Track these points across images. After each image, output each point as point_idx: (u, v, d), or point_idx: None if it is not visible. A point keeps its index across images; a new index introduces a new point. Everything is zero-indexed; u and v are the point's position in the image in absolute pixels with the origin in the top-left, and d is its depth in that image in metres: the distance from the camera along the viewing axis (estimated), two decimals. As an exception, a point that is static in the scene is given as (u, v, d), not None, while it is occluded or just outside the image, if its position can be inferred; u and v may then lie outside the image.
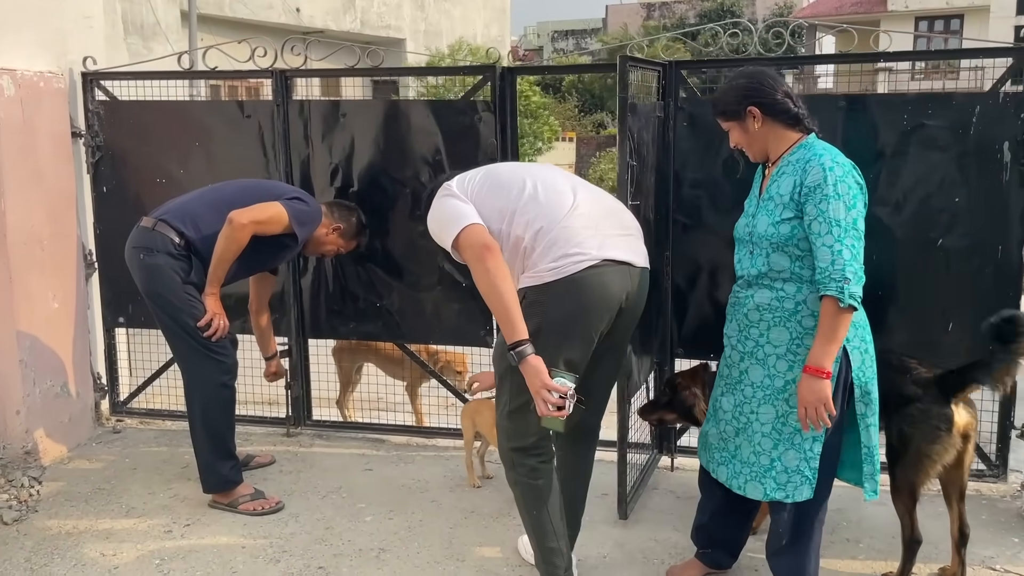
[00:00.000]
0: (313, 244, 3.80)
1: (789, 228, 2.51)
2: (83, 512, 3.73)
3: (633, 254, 2.71)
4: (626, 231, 2.75)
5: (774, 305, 2.56)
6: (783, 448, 2.58)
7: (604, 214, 2.72)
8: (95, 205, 4.62)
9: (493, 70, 4.06)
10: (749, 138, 2.65)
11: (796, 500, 2.59)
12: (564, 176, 2.82)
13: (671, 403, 3.60)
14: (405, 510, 3.71)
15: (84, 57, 4.49)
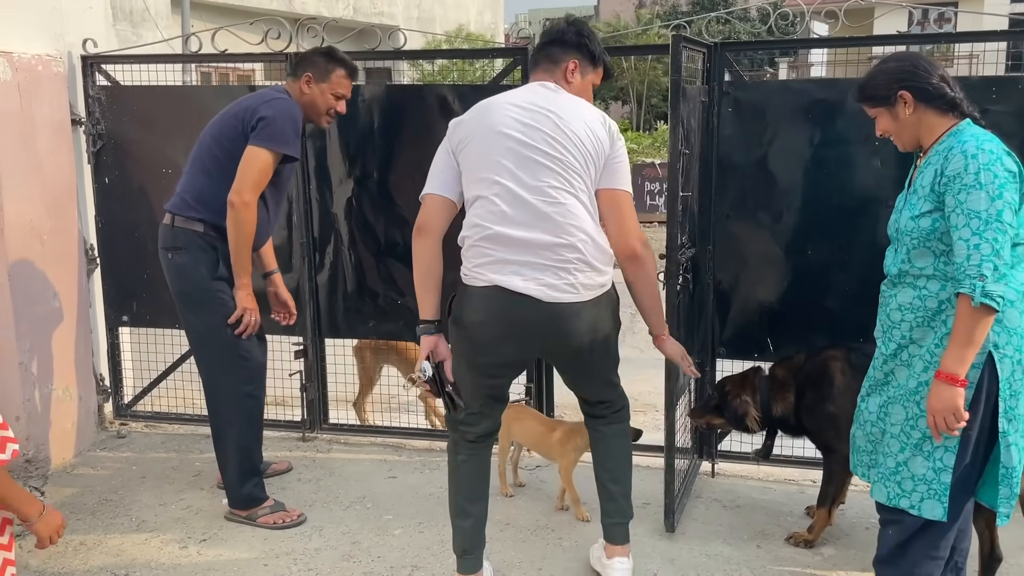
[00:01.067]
0: (310, 116, 3.41)
1: (930, 222, 2.29)
2: (90, 526, 3.49)
3: (541, 287, 2.51)
4: (543, 258, 2.51)
5: (916, 304, 2.35)
6: (909, 453, 2.35)
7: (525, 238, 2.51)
8: (96, 197, 4.36)
9: (524, 52, 3.82)
10: (899, 126, 2.42)
11: (923, 515, 2.33)
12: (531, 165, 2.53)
13: (718, 408, 3.42)
14: (435, 522, 3.48)
15: (84, 39, 4.22)
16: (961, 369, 2.18)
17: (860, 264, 3.57)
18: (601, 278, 2.58)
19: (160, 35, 12.75)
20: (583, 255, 2.53)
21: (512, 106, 2.58)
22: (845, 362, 3.20)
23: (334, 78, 3.37)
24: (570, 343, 2.61)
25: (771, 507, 3.60)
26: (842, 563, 3.14)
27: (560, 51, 2.71)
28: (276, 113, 3.19)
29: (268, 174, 3.21)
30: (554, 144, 2.52)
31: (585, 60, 2.72)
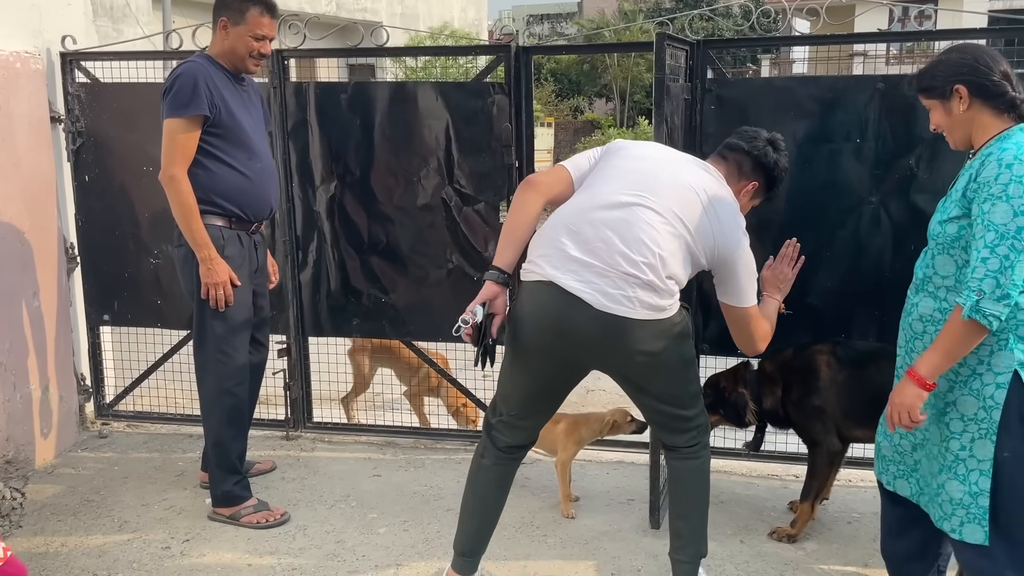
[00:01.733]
0: (235, 64, 3.25)
1: (956, 228, 2.19)
2: (72, 527, 3.46)
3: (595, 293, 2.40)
4: (616, 275, 2.41)
5: (936, 317, 2.26)
6: (945, 476, 2.26)
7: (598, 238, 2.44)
8: (76, 195, 4.32)
9: (508, 50, 3.81)
10: (951, 121, 2.27)
11: (964, 539, 2.23)
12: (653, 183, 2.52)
13: (713, 405, 3.43)
14: (420, 520, 3.48)
15: (63, 36, 4.18)
16: (930, 374, 2.15)
17: (843, 261, 3.60)
18: (662, 300, 2.44)
19: (141, 31, 12.62)
20: (647, 275, 2.41)
21: (670, 154, 2.65)
22: (831, 356, 3.23)
23: (249, 18, 3.21)
24: (615, 359, 2.52)
25: (754, 502, 3.62)
26: (824, 557, 3.16)
27: (751, 168, 2.71)
28: (173, 81, 3.13)
29: (187, 143, 3.12)
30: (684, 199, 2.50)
31: (764, 187, 2.75)
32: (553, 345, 2.50)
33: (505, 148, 3.86)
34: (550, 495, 3.68)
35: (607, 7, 38.14)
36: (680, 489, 2.75)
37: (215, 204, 3.22)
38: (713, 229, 2.51)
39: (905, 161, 3.48)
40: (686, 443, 2.69)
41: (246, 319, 3.37)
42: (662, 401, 2.63)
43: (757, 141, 2.71)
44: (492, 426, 2.72)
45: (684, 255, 2.49)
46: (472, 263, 4.01)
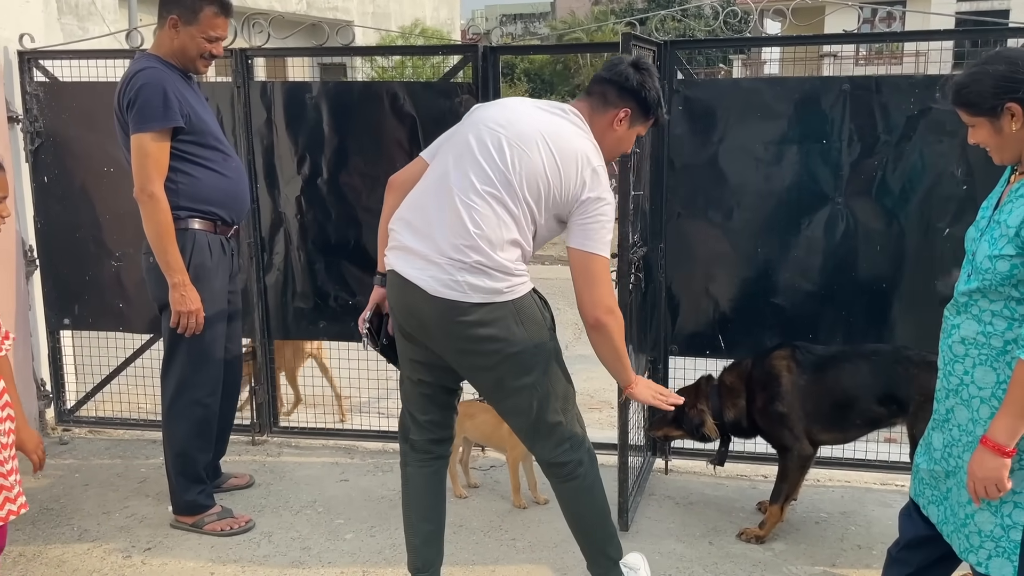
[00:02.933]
0: (183, 64, 3.14)
1: (1008, 267, 2.02)
2: (30, 536, 3.38)
3: (428, 279, 2.37)
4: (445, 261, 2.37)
5: (980, 341, 2.09)
6: (975, 506, 2.12)
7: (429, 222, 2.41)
8: (36, 196, 4.23)
9: (475, 49, 3.78)
10: (1001, 140, 2.07)
11: (991, 573, 2.12)
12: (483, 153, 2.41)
13: (676, 419, 3.43)
14: (387, 526, 3.44)
15: (20, 34, 4.08)
16: (1011, 441, 1.98)
17: (809, 260, 3.61)
18: (495, 283, 2.36)
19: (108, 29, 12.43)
20: (474, 260, 2.34)
21: (511, 110, 2.49)
22: (791, 360, 3.24)
23: (203, 18, 3.06)
24: (459, 347, 2.43)
25: (723, 503, 3.62)
26: (792, 558, 3.16)
27: (617, 95, 2.52)
28: (138, 92, 2.99)
29: (161, 157, 3.01)
30: (510, 158, 2.37)
31: (639, 110, 2.55)
32: (412, 330, 2.50)
33: (473, 149, 3.82)
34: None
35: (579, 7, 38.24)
36: (568, 512, 2.67)
37: (201, 211, 3.14)
38: (556, 177, 2.38)
39: (871, 162, 3.50)
40: (556, 457, 2.54)
41: (222, 331, 3.30)
42: (519, 399, 2.47)
43: (619, 67, 2.54)
44: (407, 428, 2.69)
45: (519, 223, 2.38)
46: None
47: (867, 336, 3.57)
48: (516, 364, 2.43)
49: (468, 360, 2.48)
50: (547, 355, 2.47)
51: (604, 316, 2.42)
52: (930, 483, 2.30)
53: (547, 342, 2.48)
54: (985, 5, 23.43)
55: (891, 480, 3.77)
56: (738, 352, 3.61)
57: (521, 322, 2.40)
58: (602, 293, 2.41)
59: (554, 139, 2.40)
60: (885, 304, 3.57)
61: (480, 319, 2.37)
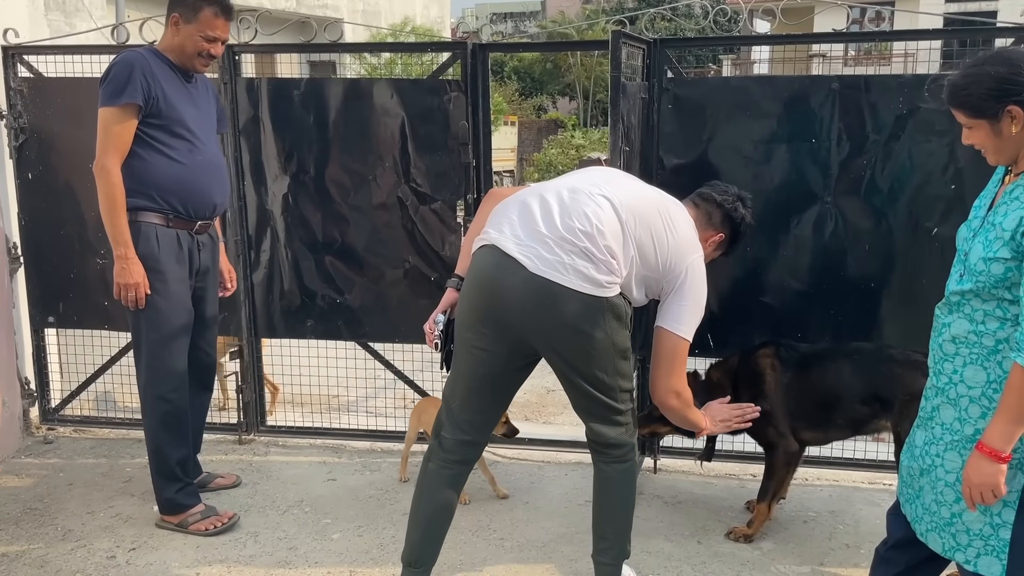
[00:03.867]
0: (182, 62, 3.15)
1: (1002, 270, 2.00)
2: (14, 536, 3.35)
3: (531, 257, 2.40)
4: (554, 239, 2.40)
5: (971, 339, 2.08)
6: (964, 505, 2.10)
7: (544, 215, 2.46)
8: (19, 193, 4.18)
9: (464, 47, 3.76)
10: (999, 142, 2.04)
11: (979, 571, 2.11)
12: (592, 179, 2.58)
13: (662, 416, 3.42)
14: (375, 525, 3.42)
15: (4, 29, 4.04)
16: (1007, 446, 1.96)
17: (798, 259, 3.61)
18: (599, 274, 2.39)
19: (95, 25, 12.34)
20: (584, 246, 2.39)
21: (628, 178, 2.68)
22: (775, 358, 3.25)
23: (203, 18, 3.09)
24: (546, 328, 2.42)
25: (712, 502, 3.61)
26: (780, 557, 3.15)
27: (721, 220, 2.80)
28: (109, 69, 3.05)
29: (120, 133, 3.01)
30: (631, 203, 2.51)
31: (728, 239, 2.84)
32: (490, 311, 2.46)
33: (462, 146, 3.81)
34: (509, 499, 3.64)
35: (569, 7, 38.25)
36: (608, 493, 2.70)
37: (150, 197, 3.11)
38: (669, 239, 2.51)
39: (860, 161, 3.50)
40: (614, 440, 2.62)
41: (183, 324, 3.25)
42: (591, 385, 2.52)
43: (728, 195, 2.82)
44: (440, 424, 2.67)
45: (626, 242, 2.45)
46: (429, 263, 3.96)
47: (855, 335, 3.57)
48: (597, 358, 2.47)
49: (551, 342, 2.47)
50: (624, 353, 2.53)
51: (674, 401, 2.66)
52: (907, 481, 2.30)
53: (627, 343, 2.52)
54: (973, 6, 23.55)
55: (879, 479, 3.77)
56: (727, 351, 3.60)
57: (612, 319, 2.43)
58: (678, 379, 2.64)
59: (670, 217, 2.55)
60: (873, 303, 3.57)
61: (576, 311, 2.38)
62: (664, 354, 2.60)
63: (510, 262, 2.40)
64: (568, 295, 2.37)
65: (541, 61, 31.46)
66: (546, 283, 2.37)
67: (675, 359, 2.61)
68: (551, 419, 5.02)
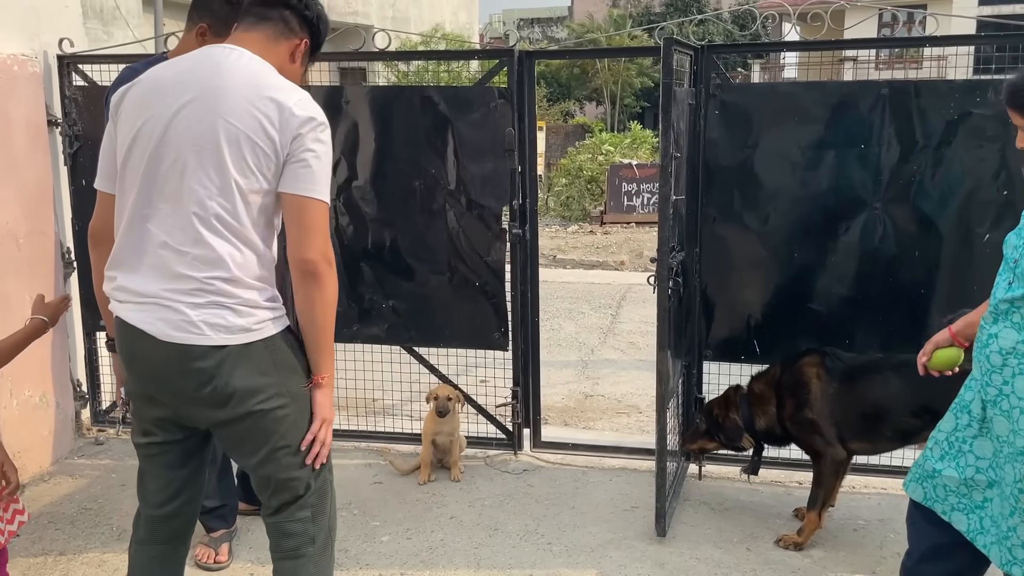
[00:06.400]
0: None
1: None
2: (70, 536, 3.42)
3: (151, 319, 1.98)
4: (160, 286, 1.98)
5: (1020, 349, 2.04)
6: (1018, 518, 2.08)
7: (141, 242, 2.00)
8: (73, 199, 4.27)
9: (511, 54, 3.79)
10: None
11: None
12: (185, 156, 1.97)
13: (710, 431, 3.45)
14: (423, 528, 3.45)
15: (60, 39, 4.13)
16: None
17: (846, 266, 3.60)
18: (240, 319, 1.99)
19: (132, 34, 12.55)
20: (214, 287, 1.97)
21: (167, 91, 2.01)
22: (820, 367, 3.23)
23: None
24: (202, 402, 2.02)
25: (759, 509, 3.60)
26: (832, 565, 3.14)
27: (299, 25, 2.13)
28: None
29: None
30: (199, 144, 1.95)
31: (310, 46, 2.19)
32: (148, 394, 2.11)
33: (508, 153, 3.84)
34: (553, 502, 3.66)
35: (597, 11, 38.24)
36: None
37: None
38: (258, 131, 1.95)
39: (909, 167, 3.48)
40: (290, 526, 2.16)
41: None
42: (278, 457, 2.09)
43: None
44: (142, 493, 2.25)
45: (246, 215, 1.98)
46: (474, 269, 3.99)
47: (904, 343, 3.54)
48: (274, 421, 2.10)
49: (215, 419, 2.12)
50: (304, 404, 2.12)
51: (321, 262, 2.01)
52: (958, 491, 2.23)
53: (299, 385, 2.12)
54: (1007, 9, 23.25)
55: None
56: (773, 357, 3.60)
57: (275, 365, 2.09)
58: (318, 238, 2.02)
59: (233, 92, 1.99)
60: (923, 311, 3.55)
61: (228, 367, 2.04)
62: (294, 219, 2.01)
63: (139, 334, 1.99)
64: (211, 354, 1.98)
65: (568, 66, 31.47)
66: (180, 349, 1.97)
67: (308, 221, 1.99)
68: (591, 424, 5.02)
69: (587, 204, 14.55)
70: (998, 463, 2.14)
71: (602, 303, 8.41)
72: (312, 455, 2.13)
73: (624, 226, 13.39)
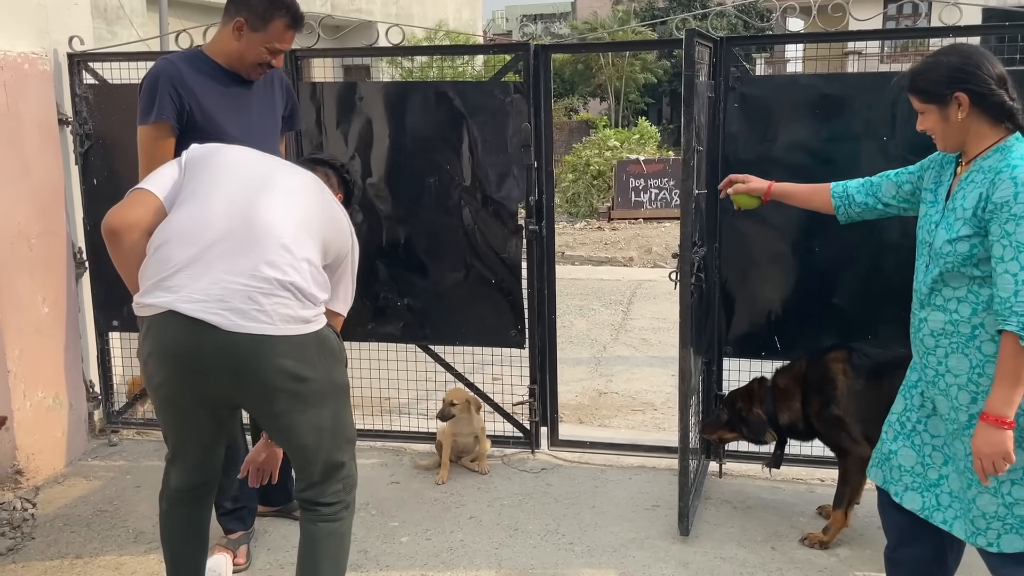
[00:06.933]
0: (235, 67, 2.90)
1: (968, 247, 2.14)
2: (86, 538, 3.38)
3: (220, 312, 2.10)
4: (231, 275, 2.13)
5: (948, 330, 2.20)
6: (975, 491, 2.19)
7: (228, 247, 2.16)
8: (85, 199, 4.23)
9: (527, 48, 3.75)
10: (947, 128, 2.21)
11: (1003, 550, 2.18)
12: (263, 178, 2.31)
13: (731, 423, 3.40)
14: (442, 528, 3.41)
15: (70, 37, 4.09)
16: (1010, 411, 2.05)
17: (868, 261, 3.55)
18: (305, 310, 2.18)
19: (136, 33, 12.50)
20: (287, 276, 2.16)
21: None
22: (847, 363, 3.18)
23: (273, 29, 2.82)
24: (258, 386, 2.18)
25: (782, 507, 3.56)
26: (859, 564, 3.10)
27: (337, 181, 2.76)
28: (141, 84, 2.88)
29: (156, 151, 2.82)
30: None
31: (344, 200, 2.75)
32: (188, 387, 2.22)
33: (524, 148, 3.79)
34: (572, 502, 3.62)
35: (601, 8, 38.12)
36: (314, 557, 2.36)
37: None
38: (333, 223, 2.36)
39: (933, 159, 3.42)
40: (330, 498, 2.34)
41: None
42: (311, 438, 2.27)
43: (335, 159, 2.78)
44: (167, 465, 2.49)
45: (317, 248, 2.26)
46: (489, 266, 3.94)
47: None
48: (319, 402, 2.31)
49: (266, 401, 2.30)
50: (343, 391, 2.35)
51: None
52: (912, 470, 2.35)
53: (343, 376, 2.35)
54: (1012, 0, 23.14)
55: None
56: (795, 354, 3.55)
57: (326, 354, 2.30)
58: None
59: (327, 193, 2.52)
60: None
61: (288, 353, 2.23)
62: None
63: (198, 325, 2.10)
64: (276, 343, 2.13)
65: (572, 62, 31.35)
66: (248, 339, 2.11)
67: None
68: (606, 421, 4.98)
69: (594, 200, 14.48)
70: (948, 441, 2.27)
71: (612, 299, 8.37)
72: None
73: (632, 222, 13.33)
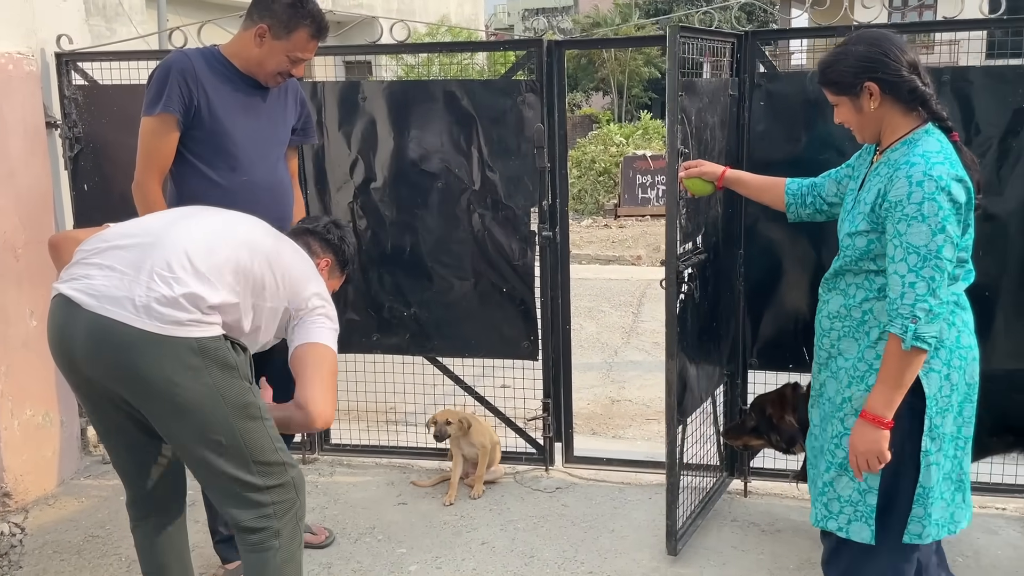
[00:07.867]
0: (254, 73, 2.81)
1: (865, 242, 2.16)
2: (77, 567, 3.20)
3: (85, 290, 2.05)
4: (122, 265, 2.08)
5: (843, 313, 2.25)
6: (835, 472, 2.25)
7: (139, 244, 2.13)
8: (75, 205, 4.04)
9: (540, 44, 3.55)
10: (861, 119, 2.20)
11: (851, 537, 2.23)
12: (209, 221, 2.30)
13: (757, 429, 3.20)
14: (453, 555, 3.22)
15: (58, 36, 3.89)
16: (888, 412, 2.08)
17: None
18: (179, 312, 2.02)
19: (135, 30, 12.31)
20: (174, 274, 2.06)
21: None
22: None
23: (296, 38, 2.73)
24: (121, 379, 2.06)
25: (814, 531, 3.27)
26: (899, 594, 2.90)
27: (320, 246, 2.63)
28: (150, 75, 2.78)
29: (159, 146, 2.73)
30: None
31: (337, 263, 2.66)
32: (72, 375, 2.17)
33: (537, 150, 3.59)
34: (591, 525, 3.42)
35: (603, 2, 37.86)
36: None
37: None
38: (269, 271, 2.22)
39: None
40: (251, 522, 2.17)
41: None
42: (205, 451, 2.10)
43: (319, 222, 2.67)
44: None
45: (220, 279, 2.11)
46: (500, 274, 3.75)
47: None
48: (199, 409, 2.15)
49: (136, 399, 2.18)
50: (242, 408, 2.14)
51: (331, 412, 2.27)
52: (812, 462, 2.42)
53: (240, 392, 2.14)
54: (1020, -8, 22.84)
55: (990, 503, 3.49)
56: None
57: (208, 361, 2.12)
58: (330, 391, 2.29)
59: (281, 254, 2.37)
60: (987, 314, 3.28)
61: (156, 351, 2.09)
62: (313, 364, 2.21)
63: (68, 305, 2.06)
64: (140, 336, 2.00)
65: (575, 57, 31.13)
66: (107, 323, 2.00)
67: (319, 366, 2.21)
68: (620, 432, 4.79)
69: (600, 197, 14.28)
70: (823, 426, 2.33)
71: (622, 300, 8.17)
72: None
73: (639, 219, 13.13)
